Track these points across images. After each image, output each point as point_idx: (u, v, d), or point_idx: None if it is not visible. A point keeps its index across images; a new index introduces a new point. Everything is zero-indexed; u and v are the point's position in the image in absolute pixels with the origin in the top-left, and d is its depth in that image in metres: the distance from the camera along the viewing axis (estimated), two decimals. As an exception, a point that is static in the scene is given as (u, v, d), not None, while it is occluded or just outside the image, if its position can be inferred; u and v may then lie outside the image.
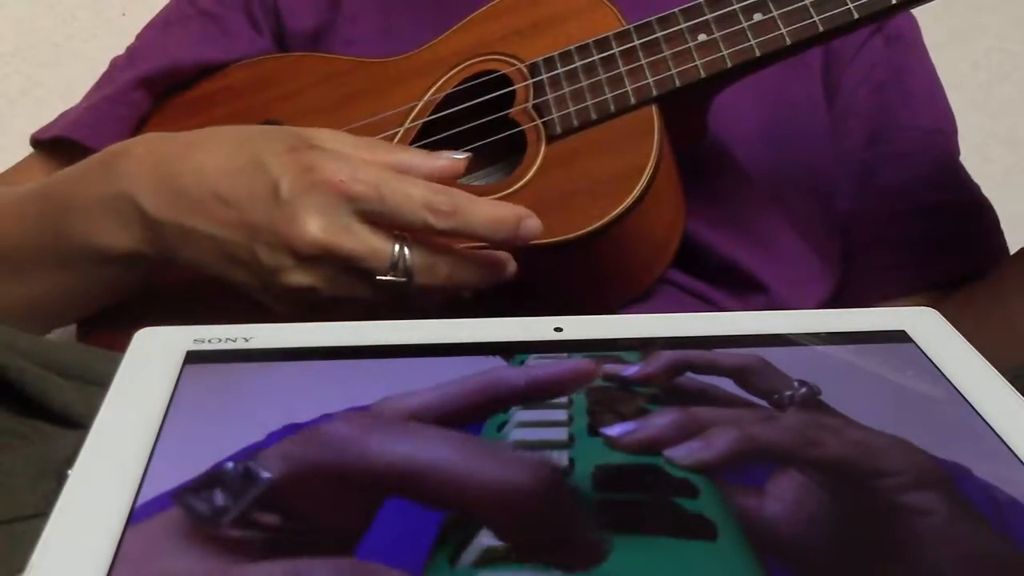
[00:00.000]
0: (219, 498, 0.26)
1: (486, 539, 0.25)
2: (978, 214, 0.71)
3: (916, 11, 0.64)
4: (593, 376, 0.33)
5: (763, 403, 0.33)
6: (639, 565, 0.25)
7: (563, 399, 0.32)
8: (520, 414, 0.31)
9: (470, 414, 0.31)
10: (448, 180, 0.52)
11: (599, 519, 0.27)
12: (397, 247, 0.49)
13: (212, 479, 0.26)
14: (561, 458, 0.29)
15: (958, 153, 0.74)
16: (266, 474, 0.26)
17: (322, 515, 0.26)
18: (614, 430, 0.30)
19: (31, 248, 0.58)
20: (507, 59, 0.62)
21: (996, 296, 0.62)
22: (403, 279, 0.49)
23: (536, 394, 0.32)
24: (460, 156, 0.54)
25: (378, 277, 0.49)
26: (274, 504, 0.26)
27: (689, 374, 0.34)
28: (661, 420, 0.31)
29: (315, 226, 0.48)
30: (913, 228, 0.69)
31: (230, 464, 0.27)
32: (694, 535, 0.26)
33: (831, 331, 0.36)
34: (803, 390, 0.33)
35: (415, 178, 0.50)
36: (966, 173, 0.73)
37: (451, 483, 0.27)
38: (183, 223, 0.51)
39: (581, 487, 0.28)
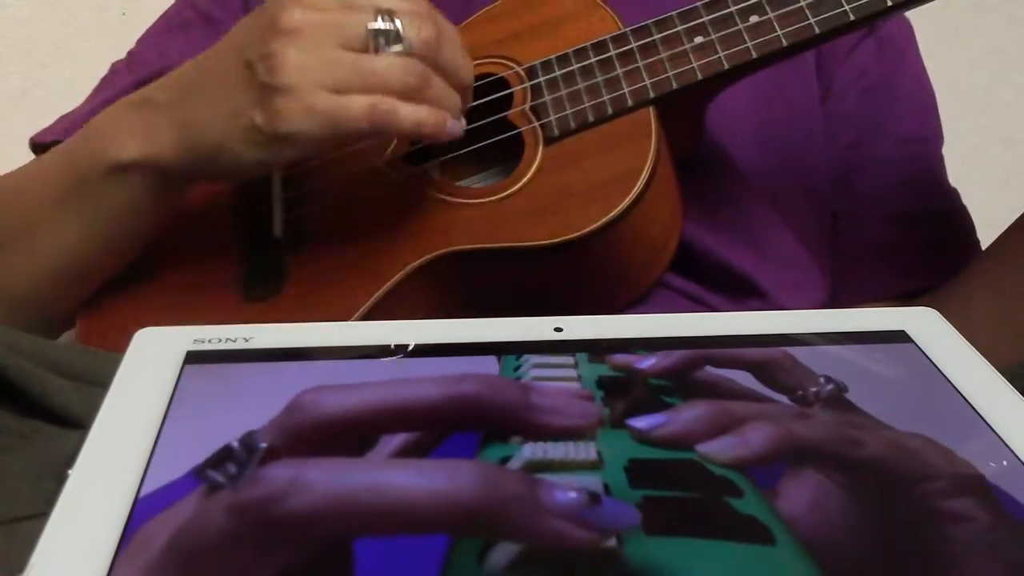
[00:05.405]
0: (231, 468, 0.27)
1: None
2: (954, 226, 0.70)
3: (914, 12, 0.63)
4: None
5: (783, 399, 0.31)
6: (703, 573, 0.23)
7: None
8: None
9: (429, 425, 0.28)
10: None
11: (646, 520, 0.25)
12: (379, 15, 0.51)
13: (222, 454, 0.28)
14: (589, 451, 0.27)
15: (941, 163, 0.73)
16: (262, 443, 0.28)
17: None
18: (641, 422, 0.29)
19: (42, 188, 0.60)
20: (505, 62, 0.62)
21: (961, 298, 0.61)
22: (391, 26, 0.50)
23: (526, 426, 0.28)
24: None
25: (369, 26, 0.50)
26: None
27: (708, 368, 0.32)
28: (691, 413, 0.29)
29: (297, 10, 0.50)
30: (885, 235, 0.69)
31: (235, 443, 0.28)
32: (753, 539, 0.24)
33: (831, 331, 0.36)
34: (829, 387, 0.31)
35: None
36: (946, 183, 0.72)
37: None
38: (186, 89, 0.55)
39: (615, 483, 0.26)
